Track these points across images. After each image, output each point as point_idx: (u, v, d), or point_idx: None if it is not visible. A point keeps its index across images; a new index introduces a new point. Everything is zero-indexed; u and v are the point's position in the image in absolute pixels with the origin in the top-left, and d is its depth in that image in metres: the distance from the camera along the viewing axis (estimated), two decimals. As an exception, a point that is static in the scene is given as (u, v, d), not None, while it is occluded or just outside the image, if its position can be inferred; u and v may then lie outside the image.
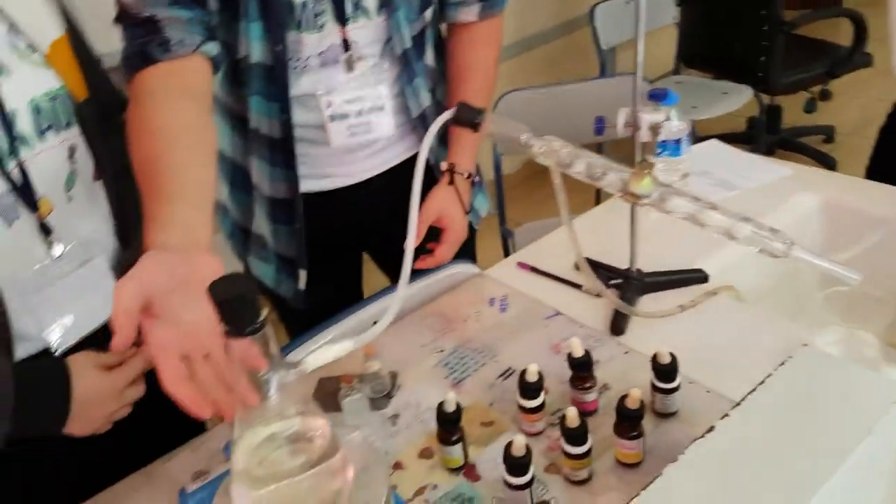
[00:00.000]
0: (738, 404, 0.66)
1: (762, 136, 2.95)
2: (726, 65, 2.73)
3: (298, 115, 1.11)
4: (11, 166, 0.79)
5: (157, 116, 0.85)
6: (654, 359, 0.82)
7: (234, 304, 0.57)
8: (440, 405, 0.80)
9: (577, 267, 1.12)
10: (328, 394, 0.93)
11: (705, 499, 0.58)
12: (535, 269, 1.13)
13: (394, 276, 1.40)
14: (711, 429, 0.63)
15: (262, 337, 0.59)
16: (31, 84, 0.83)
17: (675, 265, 1.06)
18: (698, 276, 1.04)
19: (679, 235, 1.16)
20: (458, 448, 0.80)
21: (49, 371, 0.80)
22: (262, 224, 1.22)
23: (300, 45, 1.05)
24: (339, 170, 1.20)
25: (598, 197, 1.80)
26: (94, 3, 1.20)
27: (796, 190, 1.24)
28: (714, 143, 1.47)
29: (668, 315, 0.96)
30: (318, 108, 1.10)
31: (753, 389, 0.68)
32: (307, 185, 1.18)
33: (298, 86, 1.08)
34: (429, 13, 1.14)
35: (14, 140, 0.80)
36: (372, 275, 1.42)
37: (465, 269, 1.17)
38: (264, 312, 0.59)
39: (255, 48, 1.03)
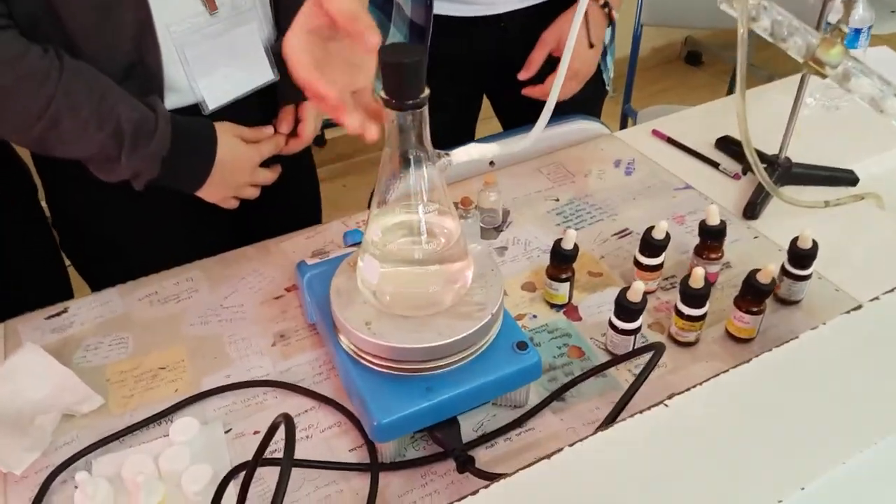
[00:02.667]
0: (859, 307, 0.62)
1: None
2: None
3: None
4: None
5: None
6: (794, 242, 0.78)
7: (401, 71, 0.56)
8: (557, 241, 0.79)
9: (717, 144, 1.06)
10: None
11: (806, 384, 0.55)
12: (671, 140, 1.08)
13: (509, 122, 1.36)
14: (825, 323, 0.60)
15: (420, 115, 0.58)
16: None
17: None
18: (848, 177, 0.97)
19: (832, 133, 1.09)
20: (565, 286, 0.80)
21: (201, 128, 0.83)
22: None
23: None
24: None
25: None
26: None
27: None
28: (885, 50, 1.34)
29: (812, 206, 0.91)
30: None
31: (877, 297, 0.63)
32: (442, 8, 1.13)
33: None
34: None
35: None
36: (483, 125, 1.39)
37: (592, 126, 1.12)
38: (427, 91, 0.58)
39: None
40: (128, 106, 0.77)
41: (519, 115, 1.16)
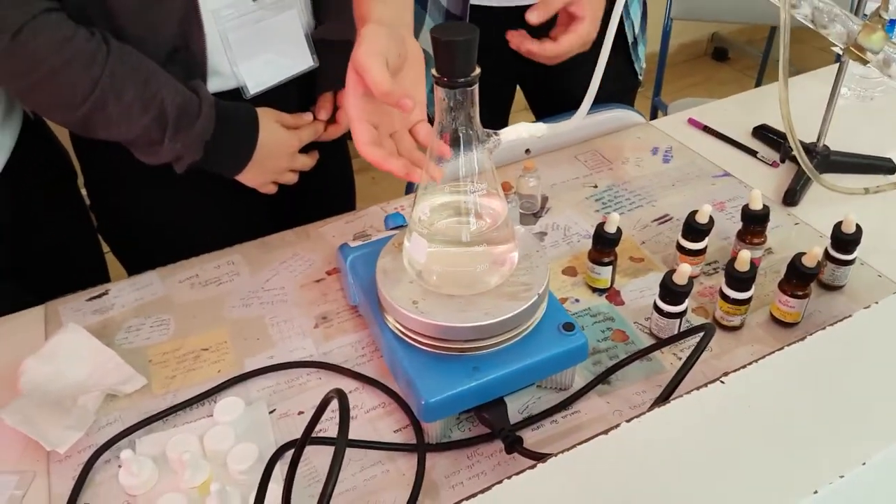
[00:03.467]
0: None
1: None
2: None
3: None
4: None
5: None
6: (837, 226, 0.77)
7: (453, 49, 0.56)
8: (600, 224, 0.79)
9: (754, 133, 1.05)
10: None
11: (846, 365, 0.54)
12: (707, 129, 1.07)
13: (541, 114, 1.36)
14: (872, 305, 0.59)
15: (471, 94, 0.58)
16: None
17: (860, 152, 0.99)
18: (886, 165, 0.96)
19: (868, 123, 1.08)
20: (608, 270, 0.80)
21: (244, 112, 0.83)
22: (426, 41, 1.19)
23: None
24: None
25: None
26: None
27: None
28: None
29: (852, 193, 0.90)
30: None
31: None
32: None
33: None
34: None
35: None
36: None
37: (628, 115, 1.12)
38: (477, 72, 0.58)
39: None
40: (172, 89, 0.78)
41: (552, 106, 1.15)
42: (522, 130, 0.65)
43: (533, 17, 1.01)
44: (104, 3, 0.75)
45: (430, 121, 0.65)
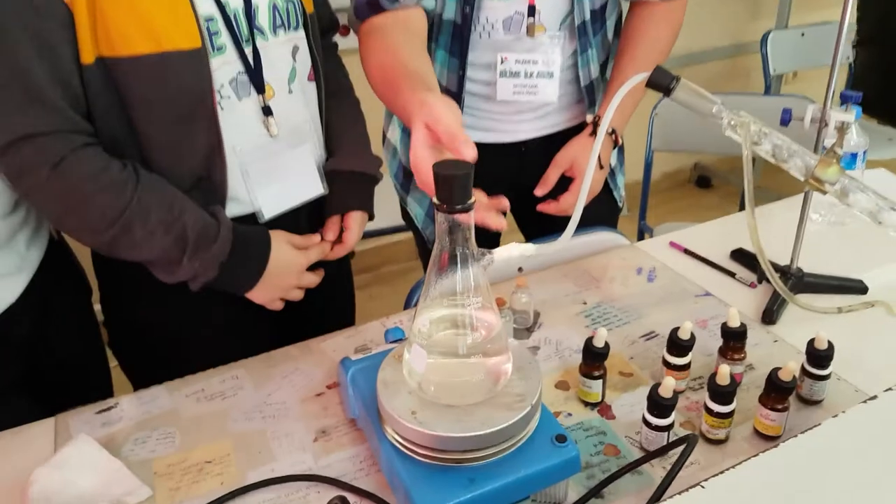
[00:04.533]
0: (874, 397, 0.65)
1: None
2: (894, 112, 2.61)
3: (474, 72, 1.17)
4: (249, 52, 0.89)
5: (393, 38, 0.97)
6: (811, 343, 0.82)
7: (451, 182, 0.63)
8: (589, 339, 0.83)
9: (732, 256, 1.12)
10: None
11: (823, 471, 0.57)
12: (688, 251, 1.14)
13: (531, 237, 1.44)
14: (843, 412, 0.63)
15: (466, 218, 0.65)
16: None
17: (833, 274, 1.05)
18: (858, 286, 1.02)
19: (840, 247, 1.15)
20: (598, 384, 0.83)
21: (258, 236, 0.90)
22: None
23: (489, 10, 1.11)
24: (501, 126, 1.24)
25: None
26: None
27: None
28: (882, 172, 1.43)
29: (826, 312, 0.95)
30: (493, 66, 1.15)
31: (890, 388, 0.67)
32: (472, 136, 1.23)
33: (479, 46, 1.14)
34: None
35: (253, 30, 0.89)
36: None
37: (613, 237, 1.19)
38: (473, 198, 0.65)
39: (448, 6, 1.10)
40: (194, 214, 0.85)
41: (541, 230, 1.23)
42: (514, 250, 0.71)
43: (539, 192, 1.19)
44: (136, 138, 0.84)
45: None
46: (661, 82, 0.86)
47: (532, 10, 1.11)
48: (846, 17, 0.96)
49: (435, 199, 0.64)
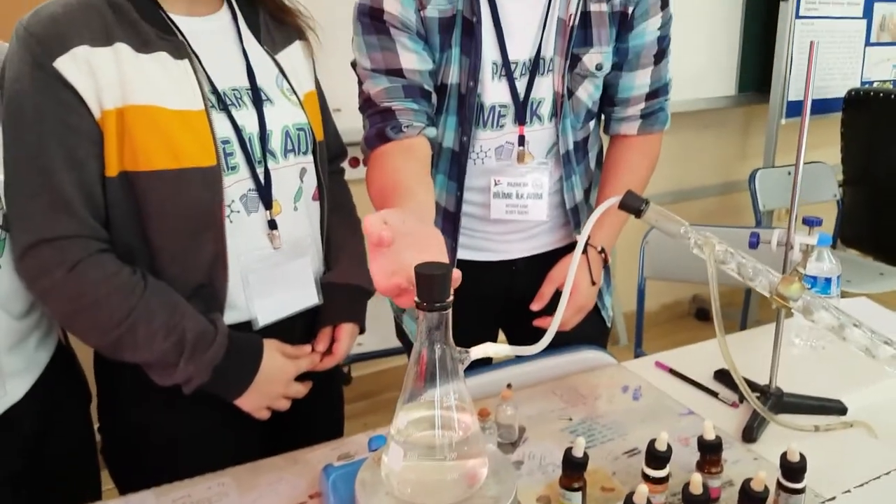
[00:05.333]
0: (833, 498, 0.66)
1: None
2: (884, 248, 2.69)
3: (470, 195, 1.26)
4: (260, 172, 0.98)
5: (393, 163, 1.06)
6: (784, 456, 0.84)
7: (430, 281, 0.68)
8: (568, 449, 0.85)
9: (715, 377, 1.15)
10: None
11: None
12: (672, 371, 1.17)
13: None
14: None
15: (445, 317, 0.69)
16: (288, 115, 1.03)
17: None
18: (837, 407, 1.04)
19: (820, 369, 1.17)
20: (578, 496, 0.84)
21: (251, 343, 0.95)
22: None
23: (483, 140, 1.21)
24: (494, 245, 1.32)
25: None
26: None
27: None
28: (864, 301, 1.47)
29: (804, 430, 0.97)
30: (487, 189, 1.25)
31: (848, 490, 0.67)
32: (463, 254, 1.31)
33: (475, 171, 1.24)
34: (592, 123, 1.30)
35: (266, 152, 0.99)
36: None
37: (600, 356, 1.23)
38: (451, 299, 0.70)
39: (448, 136, 1.21)
40: (194, 320, 0.90)
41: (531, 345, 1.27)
42: (489, 349, 0.75)
43: (535, 307, 1.25)
44: (148, 246, 0.91)
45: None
46: (633, 205, 0.94)
47: (522, 141, 1.22)
48: (800, 162, 1.04)
49: (415, 298, 0.69)
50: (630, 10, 1.19)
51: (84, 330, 0.90)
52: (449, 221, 1.28)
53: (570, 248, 1.29)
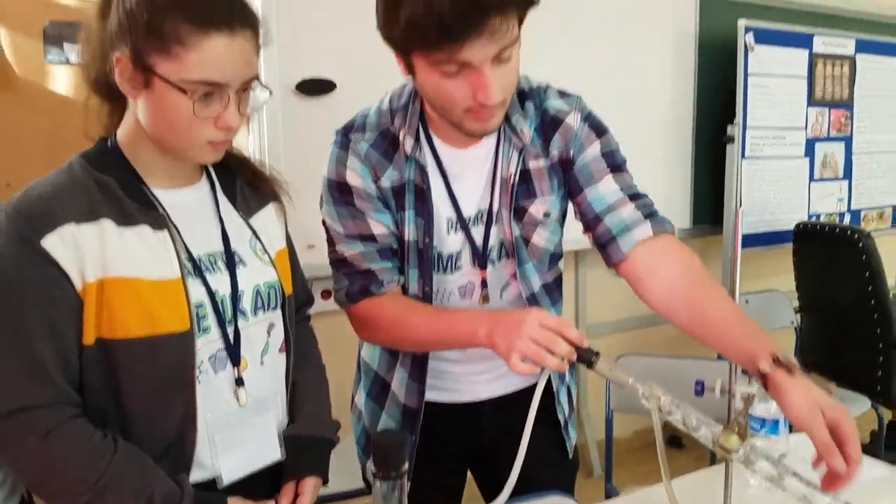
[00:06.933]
0: None
1: (881, 451, 2.84)
2: (844, 374, 2.76)
3: None
4: (230, 331, 1.04)
5: (393, 299, 1.22)
6: None
7: (385, 451, 0.73)
8: None
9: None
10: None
11: None
12: (633, 513, 1.20)
13: (490, 497, 1.47)
14: None
15: (401, 484, 0.74)
16: (259, 275, 1.10)
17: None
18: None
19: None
20: None
21: (216, 502, 0.97)
22: None
23: (445, 282, 1.29)
24: (461, 387, 1.36)
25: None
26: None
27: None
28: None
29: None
30: None
31: None
32: (431, 396, 1.35)
33: None
34: (561, 264, 1.36)
35: (237, 313, 1.05)
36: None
37: (563, 501, 1.25)
38: (405, 468, 0.74)
39: (411, 285, 1.28)
40: (161, 483, 0.93)
41: (499, 490, 1.29)
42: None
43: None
44: (119, 409, 0.94)
45: None
46: (585, 357, 1.01)
47: (485, 283, 1.28)
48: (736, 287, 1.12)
49: (371, 466, 0.74)
50: (569, 153, 1.25)
51: (53, 494, 0.92)
52: (416, 366, 1.32)
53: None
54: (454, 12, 0.95)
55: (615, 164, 1.25)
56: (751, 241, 2.93)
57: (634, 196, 1.23)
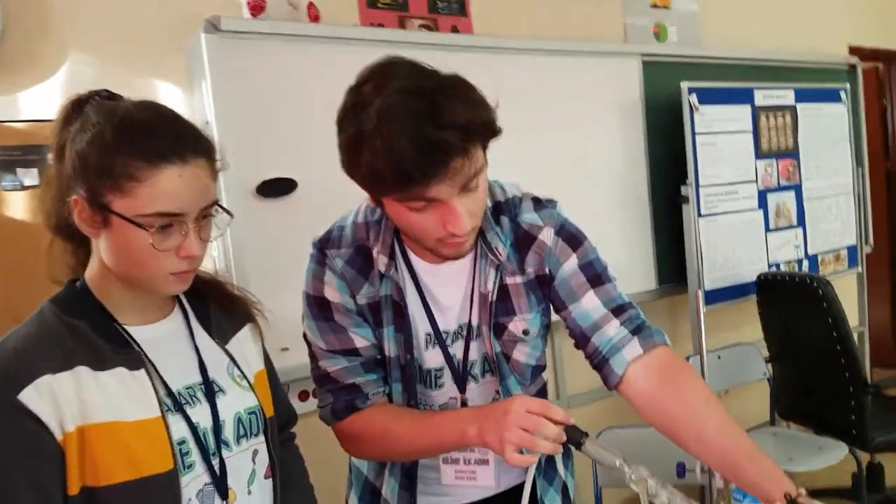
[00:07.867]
0: None
1: (863, 494, 2.87)
2: (820, 420, 2.80)
3: None
4: (215, 463, 1.03)
5: (381, 409, 1.23)
6: None
7: None
8: None
9: None
10: None
11: None
12: None
13: None
14: None
15: None
16: (239, 402, 1.10)
17: None
18: None
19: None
20: None
21: None
22: None
23: (428, 397, 1.30)
24: (449, 490, 1.34)
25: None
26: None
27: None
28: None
29: None
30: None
31: None
32: (422, 501, 1.34)
33: None
34: (544, 376, 1.36)
35: (220, 443, 1.04)
36: None
37: None
38: None
39: (395, 398, 1.29)
40: None
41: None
42: None
43: None
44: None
45: None
46: (574, 439, 1.02)
47: (465, 403, 1.28)
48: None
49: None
50: (545, 269, 1.24)
51: None
52: (406, 476, 1.32)
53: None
54: (416, 158, 0.95)
55: (595, 276, 1.23)
56: (715, 296, 2.99)
57: (618, 310, 1.21)
